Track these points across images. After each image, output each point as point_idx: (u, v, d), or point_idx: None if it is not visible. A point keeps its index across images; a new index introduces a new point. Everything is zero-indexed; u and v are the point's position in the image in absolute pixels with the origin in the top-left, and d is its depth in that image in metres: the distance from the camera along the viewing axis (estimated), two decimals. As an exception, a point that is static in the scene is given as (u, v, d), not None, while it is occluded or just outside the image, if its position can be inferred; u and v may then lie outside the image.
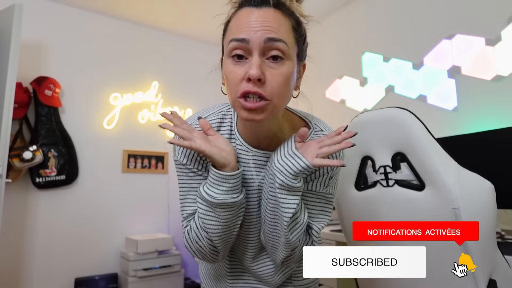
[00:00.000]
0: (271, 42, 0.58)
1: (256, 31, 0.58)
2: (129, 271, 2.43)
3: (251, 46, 0.58)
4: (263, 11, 0.60)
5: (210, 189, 0.64)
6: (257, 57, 0.58)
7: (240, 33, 0.59)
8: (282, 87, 0.59)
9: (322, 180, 0.72)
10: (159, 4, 2.73)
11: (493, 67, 1.77)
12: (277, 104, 0.61)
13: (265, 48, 0.58)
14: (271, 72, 0.58)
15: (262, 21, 0.58)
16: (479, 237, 0.85)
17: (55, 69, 2.60)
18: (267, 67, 0.58)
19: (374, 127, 0.99)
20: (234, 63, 0.60)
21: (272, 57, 0.59)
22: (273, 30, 0.58)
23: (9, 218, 2.30)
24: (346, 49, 2.67)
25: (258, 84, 0.57)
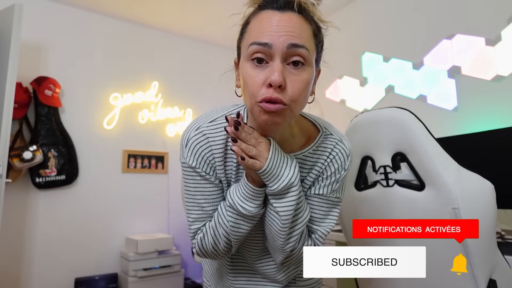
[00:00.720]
0: (294, 48, 0.57)
1: (279, 36, 0.57)
2: (129, 271, 2.43)
3: (274, 51, 0.57)
4: (286, 15, 0.59)
5: (245, 203, 0.65)
6: (279, 62, 0.57)
7: (262, 37, 0.58)
8: (301, 93, 0.59)
9: (328, 183, 0.72)
10: (159, 4, 2.73)
11: (493, 67, 1.77)
12: (294, 109, 0.61)
13: (287, 53, 0.57)
14: (292, 78, 0.58)
15: (285, 26, 0.57)
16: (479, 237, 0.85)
17: (55, 69, 2.60)
18: (288, 73, 0.58)
19: (374, 127, 0.99)
20: (254, 67, 0.59)
21: (293, 63, 0.58)
22: (296, 36, 0.57)
23: (9, 218, 2.30)
24: (346, 49, 2.67)
25: (279, 90, 0.57)
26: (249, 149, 0.60)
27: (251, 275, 0.83)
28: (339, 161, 0.71)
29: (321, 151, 0.72)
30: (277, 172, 0.62)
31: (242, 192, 0.66)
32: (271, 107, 0.57)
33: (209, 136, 0.70)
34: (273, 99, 0.57)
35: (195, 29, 3.13)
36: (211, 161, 0.70)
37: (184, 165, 0.71)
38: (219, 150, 0.70)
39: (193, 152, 0.69)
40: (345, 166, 0.72)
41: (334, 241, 1.77)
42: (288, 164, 0.64)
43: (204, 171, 0.70)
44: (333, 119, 0.85)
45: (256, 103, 0.58)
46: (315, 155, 0.72)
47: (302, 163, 0.72)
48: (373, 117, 0.99)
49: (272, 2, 0.60)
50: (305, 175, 0.73)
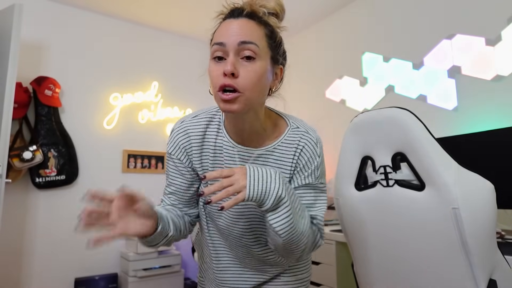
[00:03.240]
0: (244, 45, 0.68)
1: (231, 36, 0.68)
2: (129, 271, 2.43)
3: (228, 48, 0.68)
4: (239, 21, 0.70)
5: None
6: (232, 56, 0.68)
7: (219, 39, 0.70)
8: (254, 82, 0.68)
9: (311, 172, 0.79)
10: (159, 4, 2.73)
11: (493, 67, 1.77)
12: (250, 97, 0.69)
13: (239, 49, 0.68)
14: (244, 68, 0.68)
15: (237, 29, 0.69)
16: (479, 237, 0.85)
17: (55, 69, 2.60)
18: (241, 65, 0.68)
19: (374, 127, 0.99)
20: (215, 63, 0.71)
21: (246, 57, 0.68)
22: (244, 35, 0.68)
23: (9, 218, 2.30)
24: (346, 49, 2.67)
25: (232, 78, 0.67)
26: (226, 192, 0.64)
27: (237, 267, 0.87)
28: (309, 149, 0.78)
29: (288, 143, 0.79)
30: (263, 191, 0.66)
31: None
32: (226, 97, 0.67)
33: (189, 128, 0.82)
34: (226, 85, 0.67)
35: (195, 29, 3.13)
36: (188, 150, 0.82)
37: (167, 153, 0.86)
38: (197, 141, 0.81)
39: (173, 141, 0.83)
40: (317, 153, 0.79)
41: (334, 241, 1.77)
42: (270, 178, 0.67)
43: (178, 158, 0.83)
44: (333, 119, 0.85)
45: (217, 92, 0.69)
46: (282, 148, 0.79)
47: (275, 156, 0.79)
48: (373, 117, 0.99)
49: (230, 13, 0.73)
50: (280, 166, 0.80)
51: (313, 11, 2.81)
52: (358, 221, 1.10)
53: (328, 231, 1.84)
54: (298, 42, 3.15)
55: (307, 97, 2.97)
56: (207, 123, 0.82)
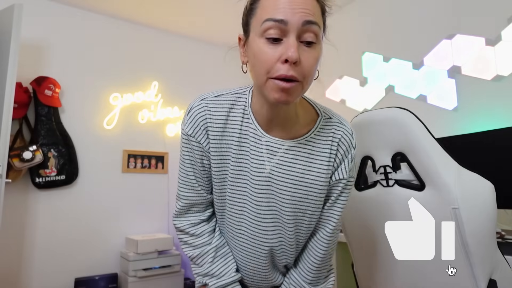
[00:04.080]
0: (309, 25, 0.58)
1: (295, 13, 0.57)
2: (129, 271, 2.43)
3: (289, 27, 0.57)
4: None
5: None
6: (294, 39, 0.57)
7: (278, 13, 0.57)
8: (313, 70, 0.60)
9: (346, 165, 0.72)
10: (159, 4, 2.73)
11: (493, 67, 1.77)
12: (305, 86, 0.61)
13: (302, 30, 0.58)
14: (305, 55, 0.58)
15: (300, 3, 0.57)
16: (479, 237, 0.85)
17: (55, 69, 2.60)
18: (301, 50, 0.58)
19: (374, 127, 0.99)
20: (269, 43, 0.59)
21: (307, 42, 0.59)
22: (310, 13, 0.58)
23: (9, 218, 2.30)
24: (346, 49, 2.67)
25: (293, 67, 0.57)
26: None
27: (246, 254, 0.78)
28: (345, 142, 0.71)
29: (322, 136, 0.71)
30: None
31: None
32: (287, 85, 0.57)
33: (210, 109, 0.70)
34: (288, 76, 0.57)
35: (195, 29, 3.13)
36: (209, 132, 0.70)
37: (183, 135, 0.73)
38: (218, 125, 0.70)
39: (192, 120, 0.70)
40: (353, 145, 0.72)
41: (334, 241, 1.77)
42: None
43: (197, 141, 0.70)
44: (333, 119, 0.84)
45: (270, 79, 0.59)
46: (315, 141, 0.71)
47: (307, 149, 0.70)
48: (373, 117, 0.99)
49: None
50: (313, 161, 0.70)
51: (313, 11, 2.80)
52: (358, 221, 1.10)
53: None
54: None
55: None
56: (230, 106, 0.71)
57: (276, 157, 0.69)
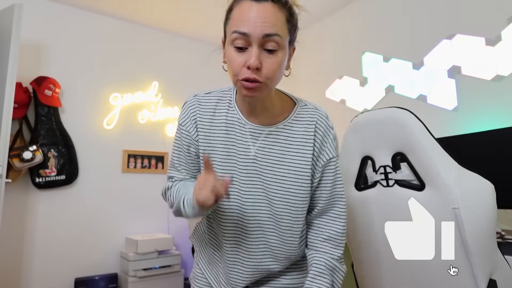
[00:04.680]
0: (268, 37, 0.67)
1: (256, 27, 0.66)
2: (129, 271, 2.43)
3: (251, 39, 0.67)
4: (262, 6, 0.67)
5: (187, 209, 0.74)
6: (256, 48, 0.67)
7: (242, 27, 0.67)
8: (275, 73, 0.70)
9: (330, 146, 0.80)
10: (159, 4, 2.73)
11: (493, 67, 1.77)
12: (270, 85, 0.71)
13: (262, 41, 0.67)
14: (267, 60, 0.69)
15: (261, 17, 0.66)
16: (479, 237, 0.85)
17: (55, 69, 2.60)
18: (263, 56, 0.68)
19: (374, 127, 0.99)
20: (236, 52, 0.69)
21: (268, 50, 0.68)
22: (269, 26, 0.67)
23: (9, 218, 2.30)
24: (346, 49, 2.67)
25: (256, 71, 0.68)
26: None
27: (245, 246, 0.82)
28: (322, 124, 0.80)
29: (298, 121, 0.80)
30: None
31: (190, 204, 0.73)
32: (249, 85, 0.69)
33: (200, 103, 0.83)
34: (250, 79, 0.68)
35: (195, 29, 3.13)
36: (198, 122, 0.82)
37: (176, 131, 0.86)
38: (207, 116, 0.82)
39: (184, 113, 0.84)
40: (330, 125, 0.81)
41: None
42: None
43: (187, 131, 0.82)
44: (333, 119, 0.85)
45: (238, 80, 0.70)
46: (292, 125, 0.80)
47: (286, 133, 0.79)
48: (373, 117, 0.99)
49: None
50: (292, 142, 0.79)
51: (313, 11, 2.81)
52: (358, 221, 1.10)
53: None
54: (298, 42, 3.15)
55: (307, 97, 2.96)
56: (217, 100, 0.83)
57: (259, 141, 0.79)
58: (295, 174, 0.78)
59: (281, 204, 0.77)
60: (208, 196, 0.65)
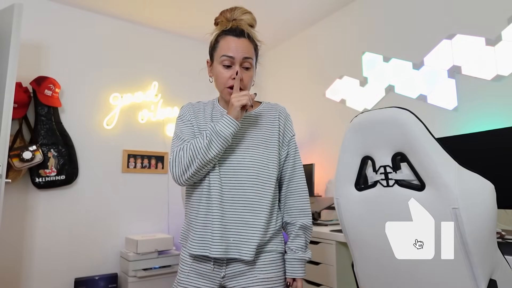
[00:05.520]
0: (246, 59, 1.05)
1: (238, 52, 1.04)
2: (129, 271, 2.43)
3: (235, 60, 1.04)
4: (241, 40, 1.05)
5: (224, 126, 1.00)
6: (238, 66, 1.04)
7: (229, 52, 1.04)
8: (248, 83, 1.08)
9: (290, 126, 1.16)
10: (159, 4, 2.73)
11: (493, 67, 1.77)
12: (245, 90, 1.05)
13: (242, 61, 1.05)
14: (244, 75, 1.05)
15: (241, 47, 1.04)
16: (479, 237, 0.85)
17: (55, 69, 2.60)
18: (242, 72, 1.05)
19: (374, 127, 0.99)
20: (224, 68, 1.06)
21: (246, 68, 1.06)
22: (246, 52, 1.05)
23: (9, 218, 2.30)
24: (346, 49, 2.67)
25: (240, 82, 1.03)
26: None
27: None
28: (283, 112, 1.16)
29: (269, 109, 1.16)
30: None
31: (223, 122, 1.00)
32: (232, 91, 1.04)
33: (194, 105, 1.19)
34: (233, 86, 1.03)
35: (195, 29, 3.13)
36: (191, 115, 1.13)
37: (177, 120, 1.14)
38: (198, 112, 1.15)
39: (183, 110, 1.16)
40: (288, 113, 1.17)
41: (334, 241, 1.77)
42: None
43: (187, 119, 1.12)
44: (333, 119, 0.86)
45: (225, 88, 1.07)
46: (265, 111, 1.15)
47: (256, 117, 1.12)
48: (373, 117, 0.99)
49: (233, 30, 1.06)
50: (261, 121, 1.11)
51: (313, 11, 2.81)
52: (358, 221, 1.10)
53: (328, 231, 1.84)
54: (298, 42, 3.15)
55: (307, 97, 2.97)
56: (204, 105, 1.19)
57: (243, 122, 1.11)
58: (264, 144, 1.07)
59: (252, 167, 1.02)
60: (247, 97, 0.99)
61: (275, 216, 1.06)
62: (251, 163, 1.02)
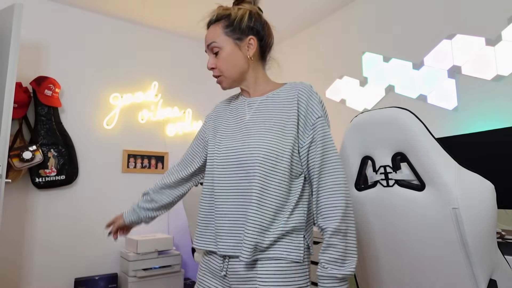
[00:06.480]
0: (210, 45, 0.97)
1: (205, 43, 0.99)
2: (129, 271, 2.43)
3: (207, 51, 1.00)
4: (209, 30, 1.00)
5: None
6: (210, 55, 0.99)
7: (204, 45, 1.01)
8: (225, 66, 0.96)
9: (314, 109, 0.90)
10: (159, 4, 2.73)
11: (493, 67, 1.77)
12: (227, 75, 0.97)
13: (210, 49, 0.98)
14: (216, 60, 0.97)
15: (207, 36, 0.99)
16: (479, 237, 0.85)
17: (55, 69, 2.60)
18: (215, 59, 0.97)
19: (374, 127, 0.99)
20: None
21: (215, 53, 0.97)
22: (209, 39, 0.98)
23: (9, 218, 2.30)
24: (346, 49, 2.67)
25: (214, 70, 0.98)
26: None
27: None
28: (305, 90, 0.92)
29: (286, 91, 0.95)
30: None
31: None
32: (216, 80, 1.00)
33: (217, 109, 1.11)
34: (214, 76, 0.99)
35: (195, 29, 3.13)
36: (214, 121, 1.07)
37: None
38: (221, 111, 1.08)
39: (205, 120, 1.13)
40: (313, 91, 0.92)
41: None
42: None
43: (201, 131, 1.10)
44: (333, 119, 0.85)
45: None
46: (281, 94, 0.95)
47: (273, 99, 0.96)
48: (373, 117, 0.99)
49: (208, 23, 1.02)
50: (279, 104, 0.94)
51: (313, 11, 2.81)
52: (358, 221, 1.10)
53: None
54: (298, 42, 3.15)
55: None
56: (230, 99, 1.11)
57: (253, 108, 0.98)
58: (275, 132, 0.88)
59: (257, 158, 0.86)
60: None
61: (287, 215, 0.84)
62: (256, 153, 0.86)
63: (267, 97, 0.97)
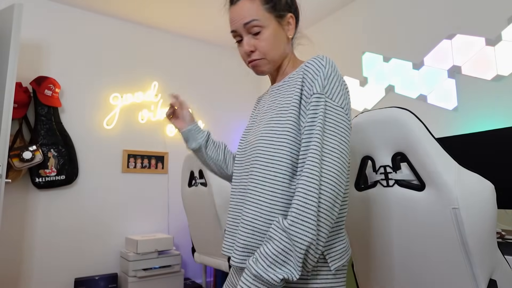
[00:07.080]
0: (248, 24, 0.82)
1: (236, 22, 0.84)
2: (129, 271, 2.43)
3: (239, 32, 0.85)
4: (237, 6, 0.84)
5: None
6: (246, 37, 0.84)
7: (231, 27, 0.86)
8: (267, 47, 0.84)
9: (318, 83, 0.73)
10: (159, 4, 2.73)
11: (493, 67, 1.77)
12: (269, 58, 0.85)
13: (247, 29, 0.83)
14: (256, 42, 0.83)
15: (237, 14, 0.84)
16: (479, 237, 0.85)
17: (55, 69, 2.60)
18: (254, 40, 0.84)
19: (374, 127, 0.99)
20: (238, 45, 0.88)
21: (254, 34, 0.83)
22: (245, 16, 0.82)
23: (9, 218, 2.30)
24: (346, 49, 2.67)
25: (252, 54, 0.85)
26: None
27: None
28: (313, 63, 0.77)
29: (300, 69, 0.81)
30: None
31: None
32: (253, 63, 0.86)
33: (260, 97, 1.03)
34: (250, 61, 0.86)
35: (195, 29, 3.13)
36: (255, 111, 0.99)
37: None
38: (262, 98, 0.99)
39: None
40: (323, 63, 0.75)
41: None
42: None
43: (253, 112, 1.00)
44: (333, 119, 0.85)
45: (248, 65, 0.88)
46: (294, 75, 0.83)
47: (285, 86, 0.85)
48: (373, 117, 0.99)
49: (230, 0, 0.87)
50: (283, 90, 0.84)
51: (313, 11, 2.81)
52: (358, 221, 1.10)
53: (328, 231, 1.84)
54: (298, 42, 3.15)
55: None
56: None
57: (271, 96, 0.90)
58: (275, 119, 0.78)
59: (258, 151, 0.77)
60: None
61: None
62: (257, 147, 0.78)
63: (283, 82, 0.85)
